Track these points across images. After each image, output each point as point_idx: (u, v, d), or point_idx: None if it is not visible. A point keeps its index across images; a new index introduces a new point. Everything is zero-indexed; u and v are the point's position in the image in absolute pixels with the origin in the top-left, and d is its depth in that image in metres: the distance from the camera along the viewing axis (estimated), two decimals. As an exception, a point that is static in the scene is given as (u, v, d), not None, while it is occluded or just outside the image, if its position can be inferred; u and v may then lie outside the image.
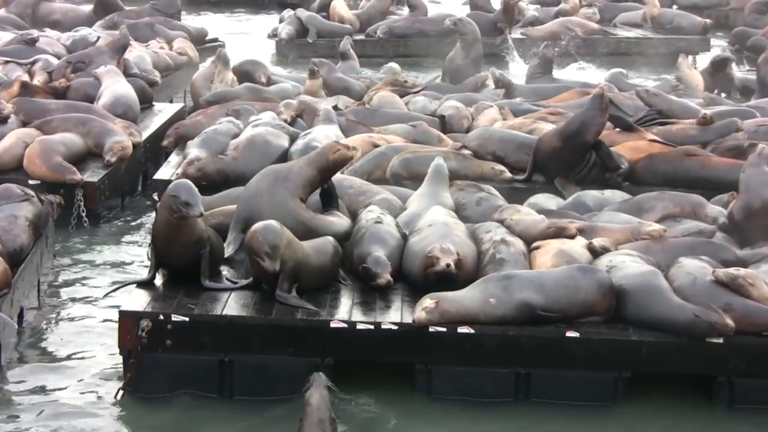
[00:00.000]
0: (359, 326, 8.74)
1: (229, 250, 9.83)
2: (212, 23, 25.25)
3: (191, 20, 25.20)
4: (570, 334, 8.68)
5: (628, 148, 12.91)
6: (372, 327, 8.76)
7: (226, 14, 28.80)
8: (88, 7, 23.10)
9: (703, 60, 21.04)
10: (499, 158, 12.91)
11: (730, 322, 8.55)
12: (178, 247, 9.28)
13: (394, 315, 8.95)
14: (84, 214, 12.71)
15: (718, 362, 8.69)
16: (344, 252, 9.75)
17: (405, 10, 25.41)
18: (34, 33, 18.09)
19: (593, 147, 12.47)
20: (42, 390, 9.00)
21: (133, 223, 13.35)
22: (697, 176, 12.41)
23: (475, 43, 18.77)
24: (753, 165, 10.73)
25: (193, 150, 12.95)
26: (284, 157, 12.51)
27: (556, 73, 18.93)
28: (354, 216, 10.42)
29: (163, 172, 13.02)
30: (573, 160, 12.49)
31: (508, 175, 12.68)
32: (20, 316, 9.99)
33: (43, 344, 9.89)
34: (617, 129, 13.52)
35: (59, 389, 9.04)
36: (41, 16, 22.29)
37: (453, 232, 9.78)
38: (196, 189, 9.23)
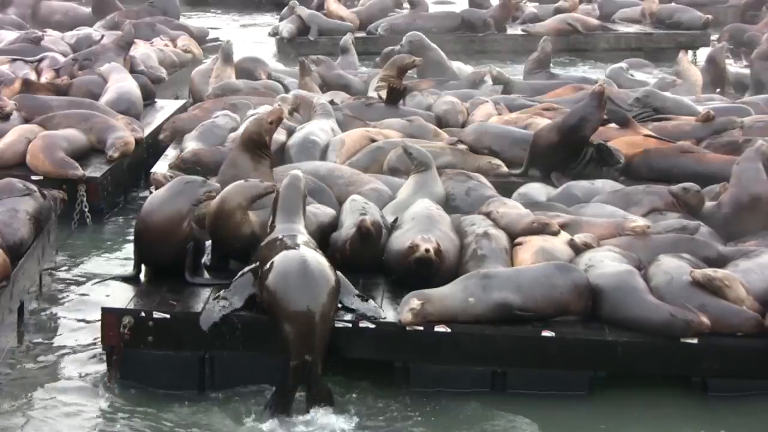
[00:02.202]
0: (337, 324, 8.81)
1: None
2: (209, 23, 25.29)
3: (187, 21, 25.14)
4: (546, 333, 8.75)
5: (623, 143, 12.92)
6: (350, 325, 8.87)
7: (222, 14, 28.82)
8: (88, 7, 23.24)
9: (704, 55, 20.93)
10: (494, 153, 12.95)
11: (705, 320, 8.60)
12: (168, 247, 9.45)
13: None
14: (87, 210, 12.81)
15: (692, 362, 8.73)
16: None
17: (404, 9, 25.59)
18: (39, 32, 18.23)
19: (592, 145, 12.54)
20: (39, 384, 9.15)
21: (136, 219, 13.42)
22: (692, 172, 12.31)
23: (429, 50, 18.66)
24: (748, 159, 10.74)
25: (191, 143, 13.09)
26: (281, 150, 12.65)
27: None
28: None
29: (161, 165, 13.10)
30: (570, 155, 12.54)
31: (505, 169, 12.75)
32: (21, 309, 10.10)
33: (42, 338, 10.01)
34: (613, 123, 13.52)
35: (56, 383, 9.20)
36: (42, 16, 22.43)
37: (436, 226, 9.88)
38: None
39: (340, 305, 8.89)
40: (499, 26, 23.37)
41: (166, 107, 16.28)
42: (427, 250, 9.26)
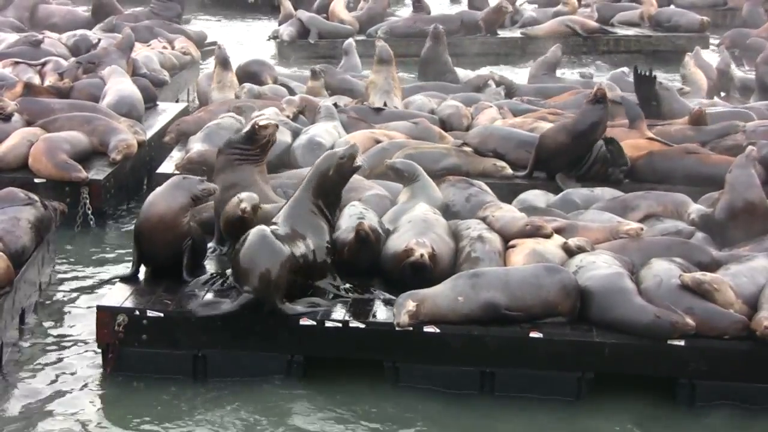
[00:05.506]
0: (327, 324, 8.93)
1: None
2: (206, 28, 25.30)
3: (186, 25, 25.19)
4: (534, 334, 8.81)
5: (628, 146, 12.96)
6: (340, 325, 8.95)
7: (219, 18, 28.88)
8: (84, 6, 23.32)
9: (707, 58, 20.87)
10: (499, 155, 13.07)
11: (690, 321, 8.63)
12: (166, 242, 9.59)
13: (365, 313, 9.14)
14: (90, 212, 12.82)
15: (679, 364, 8.75)
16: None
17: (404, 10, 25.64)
18: (38, 35, 18.30)
19: (605, 141, 12.58)
20: (39, 387, 9.20)
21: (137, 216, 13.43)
22: (696, 174, 12.43)
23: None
24: (740, 166, 10.72)
25: (196, 144, 13.14)
26: (287, 152, 12.70)
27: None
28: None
29: (166, 167, 13.17)
30: (578, 156, 12.59)
31: (510, 171, 12.84)
32: (21, 316, 10.17)
33: (43, 342, 10.05)
34: (626, 116, 13.68)
35: (56, 385, 9.24)
36: (40, 19, 22.48)
37: (431, 229, 9.95)
38: None
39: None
40: (489, 29, 23.49)
41: (168, 110, 16.33)
42: (421, 255, 9.34)
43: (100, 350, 9.34)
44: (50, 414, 8.75)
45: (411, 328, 8.80)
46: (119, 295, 9.37)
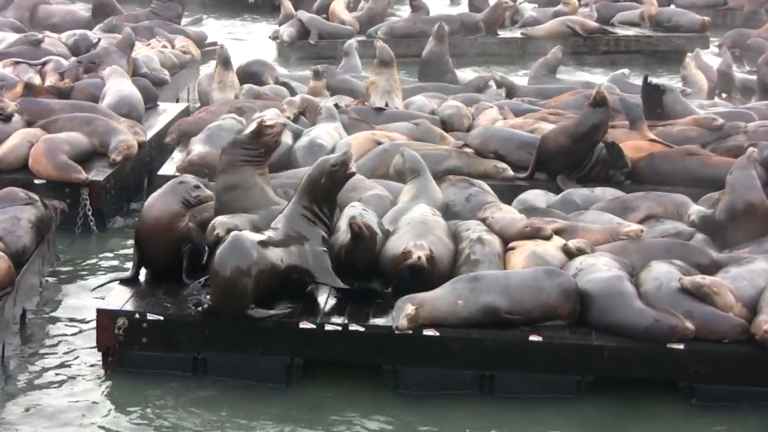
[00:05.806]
0: (327, 327, 8.95)
1: None
2: (207, 28, 25.33)
3: (193, 27, 25.23)
4: (533, 338, 8.81)
5: (629, 148, 12.97)
6: (339, 328, 8.97)
7: (219, 19, 28.82)
8: (84, 7, 23.31)
9: (706, 58, 20.87)
10: (500, 157, 13.06)
11: (689, 325, 8.63)
12: (164, 245, 9.62)
13: (364, 316, 9.16)
14: (90, 213, 12.82)
15: (679, 368, 8.75)
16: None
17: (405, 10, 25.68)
18: (38, 34, 18.30)
19: (605, 145, 12.57)
20: (40, 387, 9.24)
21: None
22: (698, 175, 12.44)
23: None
24: (741, 167, 10.74)
25: (197, 146, 13.12)
26: (288, 153, 12.68)
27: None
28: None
29: (167, 168, 13.16)
30: (579, 158, 12.58)
31: (511, 173, 12.83)
32: (22, 316, 10.21)
33: (44, 343, 10.08)
34: (626, 118, 13.65)
35: (57, 386, 9.28)
36: (39, 19, 22.45)
37: (430, 231, 9.94)
38: None
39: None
40: (490, 29, 23.60)
41: (168, 110, 16.29)
42: (419, 258, 9.33)
43: (100, 352, 9.36)
44: (50, 414, 8.78)
45: (410, 332, 8.81)
46: (119, 298, 9.39)
